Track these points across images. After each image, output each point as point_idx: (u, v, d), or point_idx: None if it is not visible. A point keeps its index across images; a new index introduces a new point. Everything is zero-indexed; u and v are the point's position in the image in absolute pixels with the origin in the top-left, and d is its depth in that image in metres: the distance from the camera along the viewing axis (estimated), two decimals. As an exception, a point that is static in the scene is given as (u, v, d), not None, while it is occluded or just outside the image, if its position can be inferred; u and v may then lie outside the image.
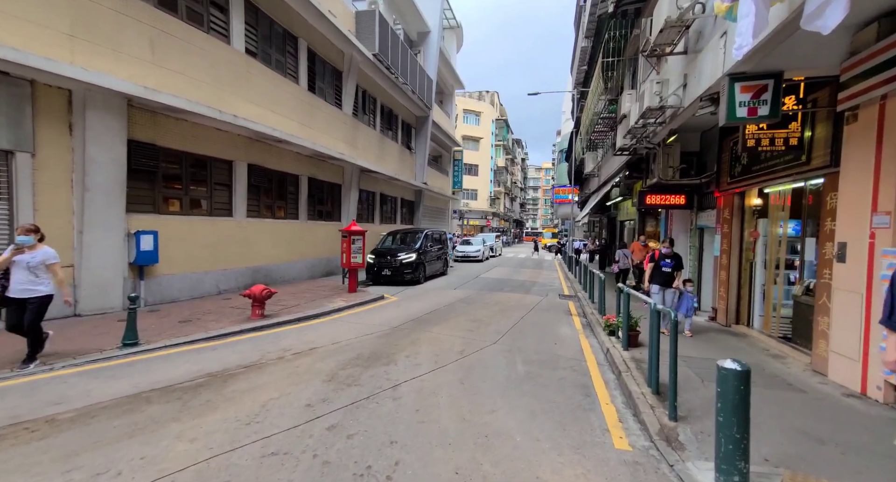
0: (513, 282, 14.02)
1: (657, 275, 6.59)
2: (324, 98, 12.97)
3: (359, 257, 10.09)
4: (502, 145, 54.87)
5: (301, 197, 12.09)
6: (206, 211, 8.79)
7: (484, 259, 23.42)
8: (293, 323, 6.86)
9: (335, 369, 4.44)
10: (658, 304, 5.07)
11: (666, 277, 6.52)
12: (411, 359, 4.94)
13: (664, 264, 6.51)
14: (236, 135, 9.35)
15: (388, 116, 18.40)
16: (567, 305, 9.62)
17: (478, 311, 8.41)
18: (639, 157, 9.72)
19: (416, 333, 6.33)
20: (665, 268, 6.50)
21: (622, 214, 17.33)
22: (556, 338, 6.42)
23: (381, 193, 17.91)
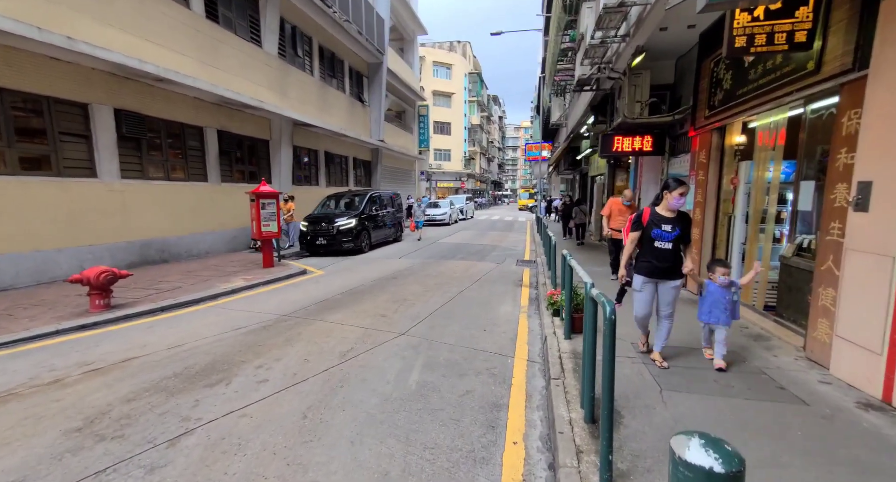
0: (471, 247, 12.62)
1: (648, 253, 3.53)
2: (233, 30, 10.62)
3: (272, 225, 8.38)
4: (476, 101, 51.85)
5: (209, 154, 10.07)
6: (51, 169, 6.82)
7: (451, 222, 21.96)
8: (152, 314, 5.26)
9: (119, 401, 2.89)
10: (641, 308, 3.62)
11: (663, 258, 3.45)
12: (262, 371, 3.46)
13: (659, 234, 3.45)
14: (90, 69, 7.19)
15: (330, 61, 15.95)
16: (522, 274, 8.29)
17: (409, 287, 6.96)
18: (604, 94, 8.07)
19: (305, 324, 4.84)
20: (661, 243, 3.44)
21: (593, 169, 15.87)
22: (488, 322, 5.04)
23: (325, 151, 15.83)
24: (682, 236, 3.43)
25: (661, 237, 3.41)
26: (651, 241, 3.46)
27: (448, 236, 15.79)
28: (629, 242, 3.65)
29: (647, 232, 3.47)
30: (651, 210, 3.53)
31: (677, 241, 3.42)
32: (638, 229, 3.54)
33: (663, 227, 3.40)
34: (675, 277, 3.48)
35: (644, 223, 3.50)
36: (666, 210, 3.46)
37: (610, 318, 2.09)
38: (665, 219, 3.43)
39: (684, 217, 3.50)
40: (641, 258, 3.59)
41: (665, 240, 3.40)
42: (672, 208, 3.43)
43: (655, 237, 3.43)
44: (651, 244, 3.47)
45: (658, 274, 3.47)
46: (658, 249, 3.44)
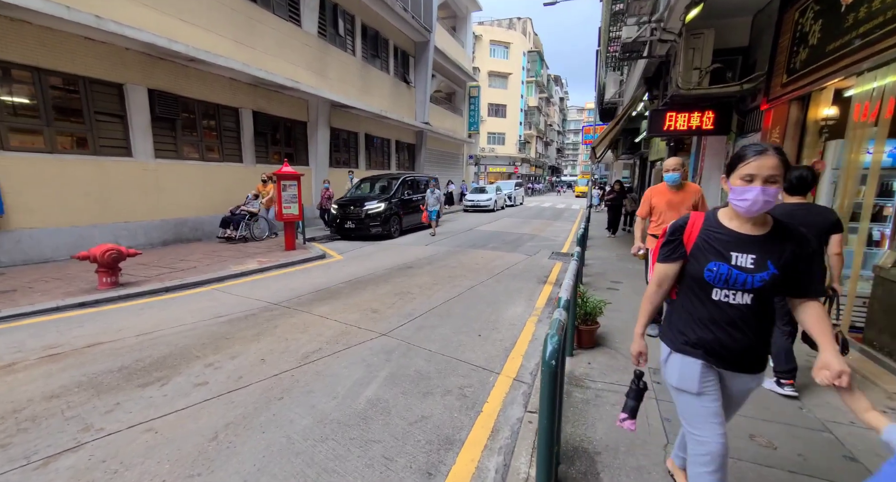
0: (508, 235, 11.84)
1: (698, 311, 1.59)
2: (270, 9, 10.55)
3: (294, 207, 8.28)
4: (535, 82, 49.28)
5: (245, 135, 10.21)
6: (87, 149, 7.14)
7: (497, 209, 21.12)
8: (154, 294, 5.29)
9: (42, 397, 2.66)
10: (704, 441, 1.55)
11: (734, 325, 1.52)
12: (209, 370, 3.17)
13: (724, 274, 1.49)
14: (124, 49, 7.38)
15: (373, 40, 15.59)
16: (551, 268, 7.48)
17: (419, 278, 6.49)
18: (659, 62, 6.82)
19: (287, 316, 4.55)
20: (730, 292, 1.51)
21: (653, 153, 14.15)
22: (488, 325, 4.42)
23: (366, 134, 15.66)
24: (789, 281, 1.47)
25: (728, 280, 1.48)
26: (703, 286, 1.54)
27: (488, 223, 15.07)
28: (653, 285, 1.69)
29: (697, 268, 1.54)
30: (708, 218, 1.60)
31: (771, 291, 1.48)
32: (672, 258, 1.62)
33: (736, 256, 1.47)
34: (756, 367, 1.57)
35: (687, 244, 1.59)
36: (738, 219, 1.51)
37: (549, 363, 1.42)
38: (741, 239, 1.49)
39: (793, 235, 1.48)
40: (684, 321, 1.62)
41: (739, 286, 1.47)
42: (751, 212, 1.43)
43: (715, 280, 1.50)
44: (703, 293, 1.55)
45: (725, 357, 1.55)
46: (722, 306, 1.52)
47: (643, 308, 1.79)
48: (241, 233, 8.95)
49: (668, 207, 3.78)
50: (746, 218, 1.49)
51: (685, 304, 1.63)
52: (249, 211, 9.23)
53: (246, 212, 9.20)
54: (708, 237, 1.55)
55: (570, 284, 2.35)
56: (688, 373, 1.59)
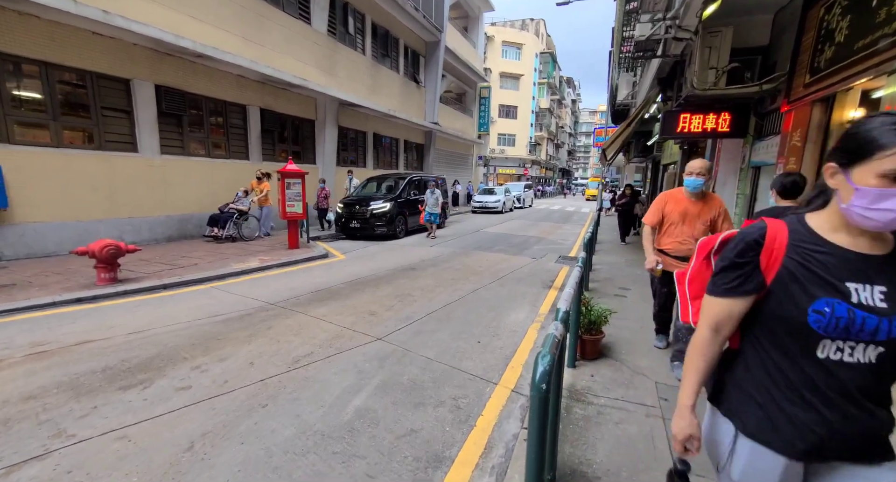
0: (514, 238, 11.66)
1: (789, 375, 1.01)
2: (280, 7, 10.52)
3: (297, 206, 8.20)
4: (547, 83, 48.91)
5: (251, 133, 10.18)
6: (93, 143, 7.14)
7: (505, 210, 20.92)
8: (152, 291, 5.23)
9: (19, 398, 2.55)
10: None
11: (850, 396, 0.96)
12: (195, 373, 3.07)
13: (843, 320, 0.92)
14: (132, 44, 7.38)
15: (384, 39, 15.52)
16: (557, 273, 7.29)
17: (421, 280, 6.35)
18: (674, 61, 6.60)
19: (283, 317, 4.44)
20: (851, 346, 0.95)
21: (666, 156, 13.84)
22: (488, 331, 4.26)
23: (374, 133, 15.59)
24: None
25: (848, 327, 0.93)
26: (803, 337, 0.98)
27: (495, 225, 14.90)
28: (705, 330, 1.11)
29: (791, 308, 0.98)
30: (795, 228, 1.04)
31: None
32: (742, 291, 1.05)
33: (856, 289, 0.95)
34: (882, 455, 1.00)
35: (767, 270, 1.03)
36: (846, 231, 0.99)
37: (539, 387, 1.26)
38: (859, 261, 0.96)
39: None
40: (762, 386, 1.05)
41: (865, 336, 0.93)
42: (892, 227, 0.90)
43: (827, 328, 0.94)
44: (800, 347, 0.99)
45: (831, 447, 1.00)
46: (832, 368, 0.97)
47: (692, 363, 1.12)
48: (227, 232, 8.49)
49: (682, 219, 3.17)
50: (865, 230, 0.96)
51: (763, 362, 1.05)
52: (238, 209, 8.75)
53: (234, 210, 8.72)
54: (806, 259, 0.98)
55: (570, 294, 2.19)
56: (760, 474, 1.04)
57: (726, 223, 3.15)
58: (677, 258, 3.20)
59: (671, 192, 3.36)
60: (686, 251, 3.13)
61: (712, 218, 3.14)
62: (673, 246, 3.24)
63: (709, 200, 3.20)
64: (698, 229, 3.13)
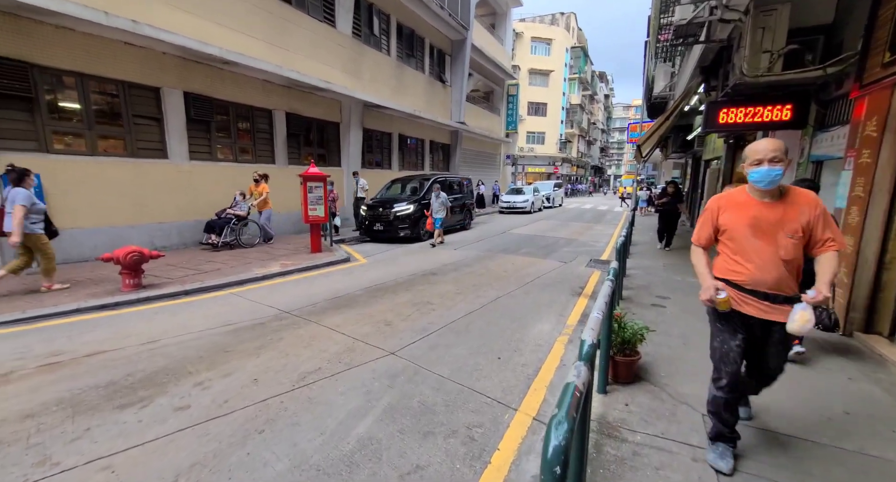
0: (543, 240, 11.21)
1: None
2: (305, 11, 10.56)
3: (319, 209, 8.15)
4: (578, 78, 47.49)
5: (277, 137, 10.27)
6: (125, 151, 7.34)
7: (534, 210, 20.36)
8: (173, 297, 5.25)
9: (17, 416, 2.46)
10: None
11: None
12: (196, 391, 2.93)
13: None
14: (161, 53, 7.54)
15: (409, 40, 15.39)
16: (588, 278, 6.84)
17: (442, 286, 6.09)
18: (720, 47, 5.99)
19: (296, 327, 4.29)
20: None
21: (708, 152, 12.94)
22: (510, 346, 3.94)
23: (399, 134, 15.49)
24: None
25: None
26: None
27: (523, 226, 14.44)
28: None
29: None
30: None
31: None
32: None
33: None
34: None
35: None
36: None
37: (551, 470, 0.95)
38: None
39: None
40: None
41: None
42: None
43: None
44: None
45: None
46: None
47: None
48: (224, 239, 8.05)
49: (755, 232, 2.07)
50: None
51: None
52: (236, 214, 8.32)
53: (232, 215, 8.29)
54: None
55: (598, 319, 1.84)
56: None
57: (829, 230, 2.01)
58: (755, 295, 2.08)
59: (729, 195, 2.23)
60: (771, 283, 2.04)
61: (803, 225, 2.00)
62: (746, 275, 2.09)
63: (793, 199, 2.05)
64: (784, 246, 2.02)
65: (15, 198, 4.73)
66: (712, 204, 2.27)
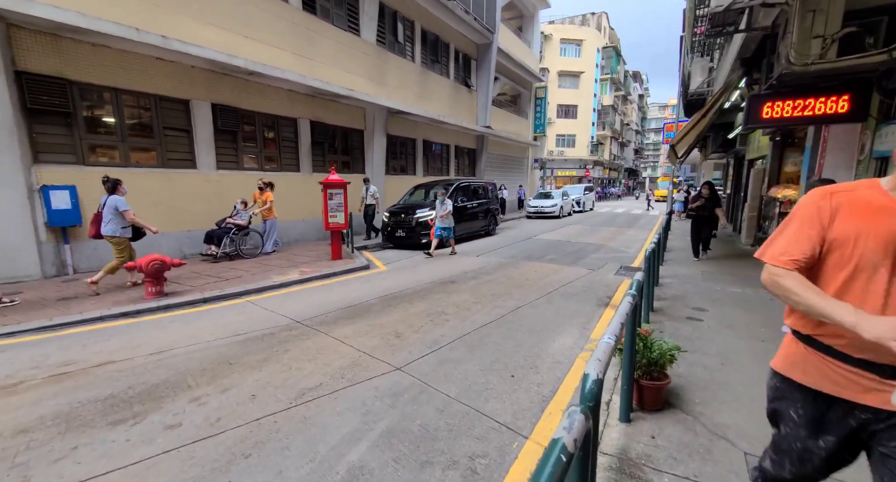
0: (570, 245, 10.76)
1: None
2: (330, 21, 10.72)
3: (339, 216, 8.14)
4: (610, 79, 46.18)
5: (302, 145, 10.43)
6: (156, 161, 7.62)
7: (563, 215, 19.76)
8: (192, 305, 5.31)
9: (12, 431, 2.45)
10: None
11: None
12: (190, 407, 2.84)
13: None
14: (190, 67, 7.81)
15: (433, 45, 15.38)
16: (617, 287, 6.41)
17: (459, 295, 5.86)
18: (763, 35, 5.47)
19: (304, 338, 4.19)
20: None
21: (752, 150, 12.05)
22: (526, 362, 3.66)
23: (424, 140, 15.45)
24: None
25: None
26: None
27: (550, 231, 13.99)
28: None
29: None
30: None
31: None
32: None
33: None
34: None
35: None
36: None
37: None
38: None
39: None
40: None
41: None
42: None
43: None
44: None
45: None
46: None
47: None
48: (224, 249, 7.72)
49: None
50: None
51: None
52: (236, 224, 7.94)
53: (232, 224, 7.92)
54: None
55: (608, 345, 1.56)
56: None
57: None
58: (870, 369, 1.21)
59: (851, 189, 1.30)
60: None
61: None
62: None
63: None
64: None
65: (117, 204, 5.66)
66: (818, 199, 1.31)
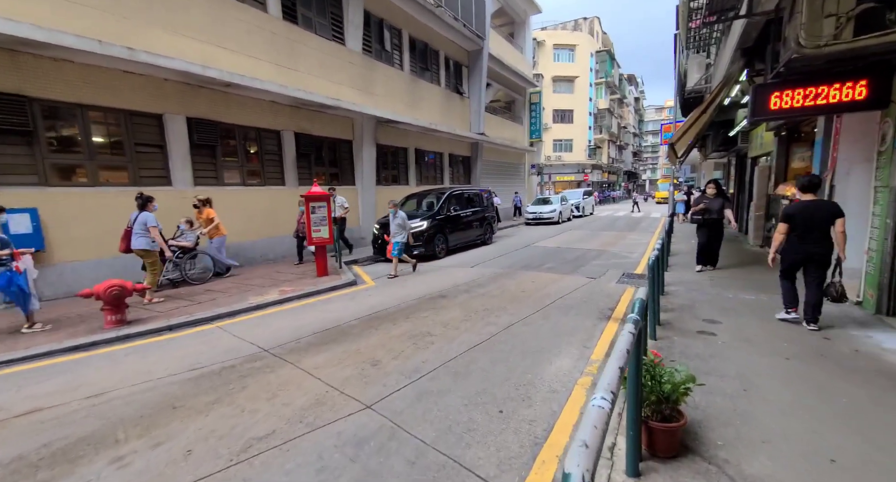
0: (570, 252, 10.30)
1: None
2: (313, 30, 10.44)
3: (323, 230, 7.71)
4: (605, 83, 46.09)
5: (286, 158, 10.06)
6: (127, 180, 7.23)
7: (562, 221, 19.30)
8: (156, 334, 4.86)
9: None
10: None
11: None
12: (109, 471, 2.38)
13: None
14: (163, 80, 7.46)
15: (422, 53, 15.12)
16: (619, 297, 5.94)
17: (448, 312, 5.39)
18: (766, 21, 5.07)
19: (268, 371, 3.72)
20: None
21: (755, 148, 11.61)
22: (517, 392, 3.18)
23: (415, 149, 15.10)
24: None
25: None
26: None
27: (549, 238, 13.53)
28: None
29: None
30: None
31: None
32: None
33: None
34: None
35: None
36: None
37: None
38: None
39: None
40: None
41: None
42: None
43: None
44: None
45: None
46: None
47: None
48: (165, 276, 6.86)
49: None
50: None
51: None
52: (181, 246, 7.08)
53: (176, 247, 7.01)
54: None
55: (600, 412, 1.11)
56: None
57: None
58: None
59: None
60: None
61: None
62: None
63: None
64: None
65: (147, 220, 5.88)
66: None
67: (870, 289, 4.65)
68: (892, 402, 2.81)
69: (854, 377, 3.18)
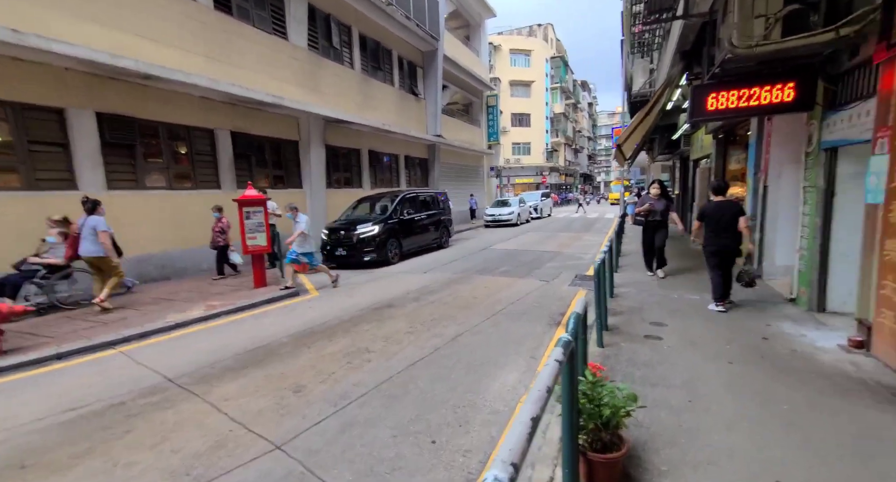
0: (526, 254, 10.21)
1: None
2: (250, 22, 9.72)
3: (260, 238, 7.08)
4: (560, 88, 47.45)
5: (222, 159, 9.26)
6: (20, 183, 6.28)
7: (520, 222, 19.38)
8: (39, 364, 4.10)
9: None
10: None
11: None
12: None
13: None
14: (63, 69, 6.56)
15: (374, 52, 14.64)
16: (571, 300, 5.80)
17: (394, 323, 5.01)
18: (702, 23, 5.11)
19: (167, 405, 3.18)
20: None
21: (696, 151, 12.11)
22: (457, 415, 2.86)
23: (369, 150, 14.58)
24: None
25: None
26: None
27: (507, 240, 13.45)
28: None
29: None
30: None
31: None
32: None
33: None
34: None
35: None
36: None
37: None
38: None
39: None
40: None
41: None
42: None
43: None
44: None
45: None
46: None
47: None
48: (34, 300, 5.71)
49: None
50: None
51: None
52: (48, 263, 5.81)
53: (39, 266, 5.78)
54: None
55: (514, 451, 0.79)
56: None
57: None
58: None
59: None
60: None
61: None
62: None
63: None
64: None
65: (97, 224, 5.53)
66: None
67: (802, 287, 4.75)
68: (827, 406, 2.75)
69: (792, 379, 3.13)
